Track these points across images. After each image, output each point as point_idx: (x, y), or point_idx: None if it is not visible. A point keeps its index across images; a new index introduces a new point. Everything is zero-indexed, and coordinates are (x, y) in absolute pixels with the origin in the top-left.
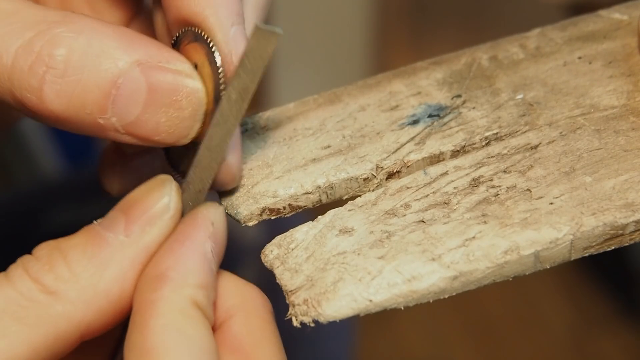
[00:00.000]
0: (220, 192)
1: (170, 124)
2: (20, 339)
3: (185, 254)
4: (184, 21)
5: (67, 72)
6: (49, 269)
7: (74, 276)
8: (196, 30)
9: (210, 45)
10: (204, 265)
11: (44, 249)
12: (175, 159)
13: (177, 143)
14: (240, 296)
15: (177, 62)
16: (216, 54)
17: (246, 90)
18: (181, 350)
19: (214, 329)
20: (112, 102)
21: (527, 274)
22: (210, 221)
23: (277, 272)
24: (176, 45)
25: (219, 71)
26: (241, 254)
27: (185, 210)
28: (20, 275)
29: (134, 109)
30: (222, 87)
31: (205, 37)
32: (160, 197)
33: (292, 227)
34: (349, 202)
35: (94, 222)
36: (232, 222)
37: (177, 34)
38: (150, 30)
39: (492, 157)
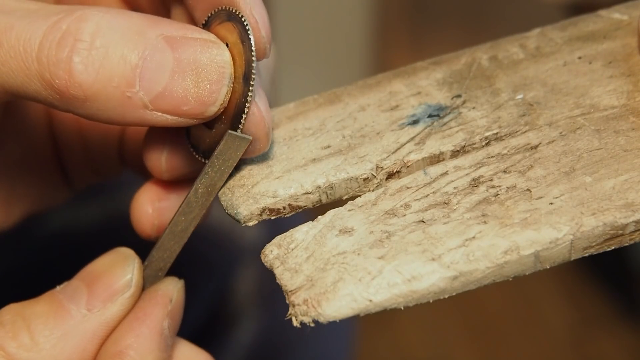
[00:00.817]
0: (220, 192)
1: (197, 91)
2: None
3: (144, 333)
4: (212, 2)
5: (95, 45)
6: (12, 336)
7: (35, 346)
8: (228, 9)
9: (243, 20)
10: (161, 343)
11: (8, 315)
12: (195, 140)
13: (205, 113)
14: None
15: (201, 33)
16: (249, 30)
17: (213, 186)
18: None
19: None
20: (140, 75)
21: (527, 274)
22: (169, 299)
23: (277, 272)
24: (206, 26)
25: (252, 47)
26: (241, 254)
27: (145, 285)
28: None
29: (161, 78)
30: (253, 63)
31: (238, 13)
32: (123, 274)
33: (292, 227)
34: (349, 202)
35: (57, 287)
36: (232, 222)
37: (208, 16)
38: None
39: (492, 157)
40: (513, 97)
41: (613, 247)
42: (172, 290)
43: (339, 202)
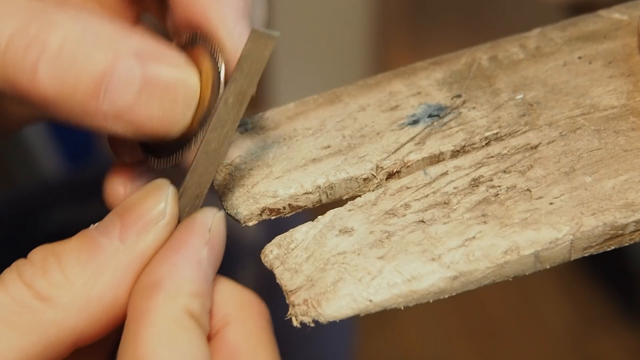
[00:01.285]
0: (220, 192)
1: (162, 114)
2: (11, 345)
3: (180, 262)
4: (189, 22)
5: (62, 56)
6: (43, 273)
7: (67, 282)
8: (201, 34)
9: (213, 47)
10: (199, 274)
11: (38, 253)
12: (153, 149)
13: (167, 134)
14: (236, 303)
15: (172, 54)
16: (218, 56)
17: (244, 94)
18: None
19: (210, 337)
20: (105, 89)
21: (527, 274)
22: (207, 227)
23: (277, 272)
24: (183, 45)
25: (219, 72)
26: (241, 254)
27: (182, 216)
28: (14, 280)
29: (127, 97)
30: (220, 90)
31: (209, 39)
32: (156, 202)
33: (292, 227)
34: (349, 202)
35: (92, 225)
36: (232, 222)
37: (185, 38)
38: None
39: (492, 157)
40: (513, 97)
41: (613, 247)
42: (209, 218)
43: (339, 202)
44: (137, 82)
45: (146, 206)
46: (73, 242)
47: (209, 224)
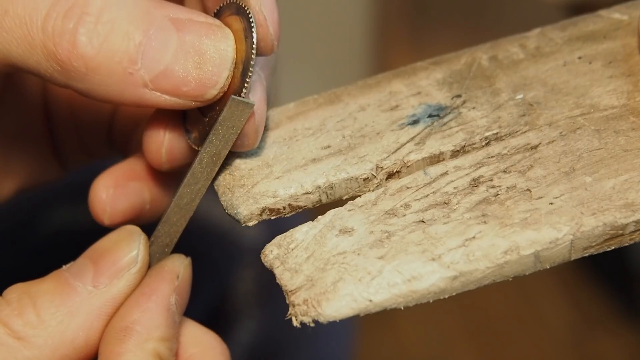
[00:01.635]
0: (220, 192)
1: (199, 73)
2: None
3: (150, 309)
4: None
5: (101, 20)
6: (18, 314)
7: (42, 323)
8: (238, 2)
9: (249, 16)
10: (167, 319)
11: (14, 293)
12: (189, 125)
13: (204, 95)
14: (200, 345)
15: (206, 18)
16: (253, 27)
17: (218, 155)
18: None
19: None
20: (143, 53)
21: (527, 274)
22: (176, 275)
23: (277, 272)
24: (217, 16)
25: (253, 45)
26: (241, 254)
27: (152, 262)
28: None
29: (164, 58)
30: (252, 60)
31: (245, 8)
32: (128, 250)
33: (292, 227)
34: (349, 202)
35: (64, 266)
36: (232, 222)
37: (220, 6)
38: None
39: (492, 157)
40: (513, 97)
41: (613, 247)
42: (178, 266)
43: (339, 202)
44: (173, 45)
45: (119, 253)
46: (47, 283)
47: (178, 271)
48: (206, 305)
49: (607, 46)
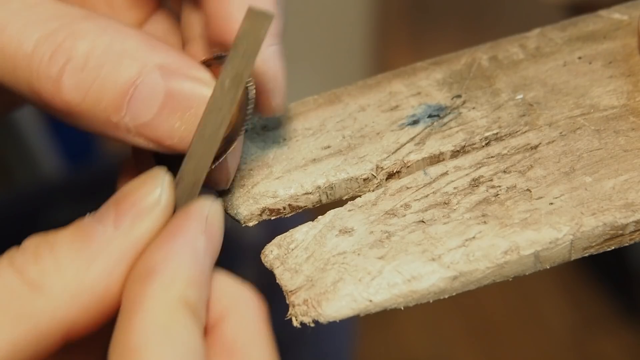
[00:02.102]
0: (220, 192)
1: (183, 130)
2: (1, 333)
3: (176, 250)
4: (221, 37)
5: (88, 66)
6: (34, 261)
7: (59, 269)
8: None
9: (249, 86)
10: (195, 263)
11: (31, 241)
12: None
13: (184, 149)
14: (234, 297)
15: (197, 70)
16: (250, 100)
17: (240, 76)
18: (165, 351)
19: (207, 330)
20: (128, 102)
21: (527, 274)
22: (204, 216)
23: (277, 272)
24: (208, 63)
25: (248, 90)
26: (241, 254)
27: (179, 205)
28: (5, 267)
29: (149, 111)
30: (249, 112)
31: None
32: (151, 190)
33: (292, 227)
34: (349, 202)
35: (87, 214)
36: (232, 222)
37: (214, 55)
38: (170, 28)
39: (492, 157)
40: (513, 97)
41: (613, 247)
42: (207, 207)
43: (339, 203)
44: (160, 96)
45: (141, 193)
46: (67, 230)
47: (206, 213)
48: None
49: (607, 46)
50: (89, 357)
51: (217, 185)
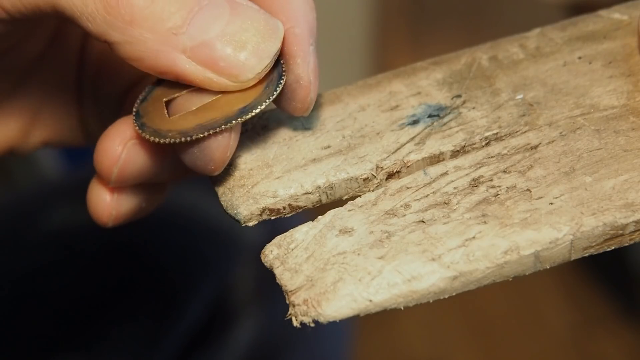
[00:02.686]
0: (220, 192)
1: (237, 55)
2: None
3: None
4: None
5: None
6: None
7: None
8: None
9: (282, 67)
10: None
11: None
12: (142, 109)
13: (239, 77)
14: None
15: (265, 13)
16: (284, 73)
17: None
18: None
19: None
20: (192, 19)
21: (527, 274)
22: None
23: (277, 272)
24: None
25: (279, 84)
26: (240, 254)
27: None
28: None
29: (210, 30)
30: (265, 103)
31: (282, 62)
32: None
33: (292, 227)
34: (349, 202)
35: None
36: (232, 221)
37: None
38: None
39: (492, 157)
40: (513, 97)
41: (613, 247)
42: None
43: (339, 202)
44: (223, 21)
45: None
46: None
47: None
48: (206, 304)
49: (607, 46)
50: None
51: (296, 107)
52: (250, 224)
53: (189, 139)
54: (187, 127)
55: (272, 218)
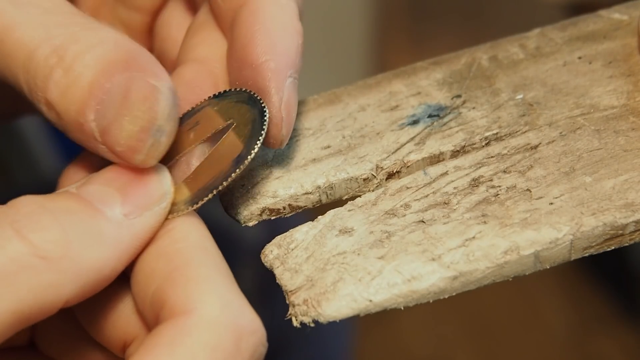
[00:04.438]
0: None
1: (129, 135)
2: (6, 304)
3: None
4: (243, 63)
5: (72, 68)
6: (41, 228)
7: (68, 243)
8: (253, 94)
9: (263, 107)
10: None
11: (29, 206)
12: None
13: (132, 160)
14: None
15: (162, 78)
16: (266, 119)
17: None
18: None
19: None
20: (96, 106)
21: (527, 274)
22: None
23: (277, 272)
24: (219, 97)
25: (262, 133)
26: (241, 254)
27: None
28: (9, 237)
29: (110, 114)
30: (257, 146)
31: (260, 100)
32: (160, 185)
33: (292, 227)
34: (349, 202)
35: (70, 186)
36: (232, 222)
37: (228, 89)
38: (185, 11)
39: (492, 157)
40: (513, 97)
41: (613, 247)
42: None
43: (339, 202)
44: (120, 101)
45: (151, 186)
46: (67, 201)
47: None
48: None
49: (607, 46)
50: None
51: (271, 142)
52: (250, 223)
53: (195, 206)
54: (189, 195)
55: (272, 218)
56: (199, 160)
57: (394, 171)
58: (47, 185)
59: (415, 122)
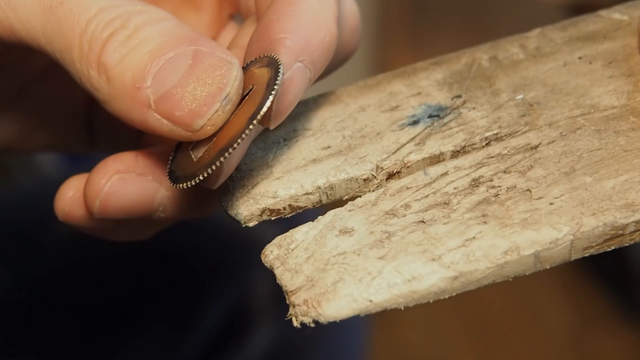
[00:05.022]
0: (221, 192)
1: (192, 100)
2: None
3: None
4: (263, 35)
5: (134, 35)
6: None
7: None
8: (272, 56)
9: (279, 66)
10: None
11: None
12: (176, 166)
13: (192, 125)
14: None
15: (226, 54)
16: (279, 76)
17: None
18: None
19: None
20: (155, 73)
21: (527, 274)
22: None
23: (277, 272)
24: (246, 67)
25: (269, 96)
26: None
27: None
28: None
29: (170, 80)
30: (263, 109)
31: (277, 61)
32: None
33: (293, 228)
34: (349, 202)
35: None
36: (249, 227)
37: (256, 57)
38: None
39: (492, 157)
40: (513, 98)
41: (613, 247)
42: None
43: (339, 203)
44: (182, 70)
45: None
46: None
47: None
48: (224, 311)
49: (607, 46)
50: None
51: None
52: (251, 224)
53: (214, 167)
54: (210, 159)
55: (272, 218)
56: None
57: (394, 171)
58: (47, 185)
59: (415, 123)
